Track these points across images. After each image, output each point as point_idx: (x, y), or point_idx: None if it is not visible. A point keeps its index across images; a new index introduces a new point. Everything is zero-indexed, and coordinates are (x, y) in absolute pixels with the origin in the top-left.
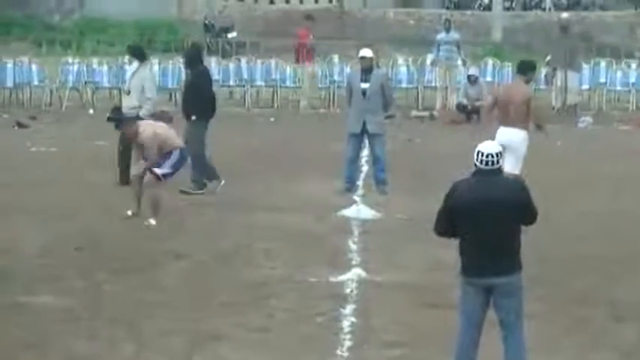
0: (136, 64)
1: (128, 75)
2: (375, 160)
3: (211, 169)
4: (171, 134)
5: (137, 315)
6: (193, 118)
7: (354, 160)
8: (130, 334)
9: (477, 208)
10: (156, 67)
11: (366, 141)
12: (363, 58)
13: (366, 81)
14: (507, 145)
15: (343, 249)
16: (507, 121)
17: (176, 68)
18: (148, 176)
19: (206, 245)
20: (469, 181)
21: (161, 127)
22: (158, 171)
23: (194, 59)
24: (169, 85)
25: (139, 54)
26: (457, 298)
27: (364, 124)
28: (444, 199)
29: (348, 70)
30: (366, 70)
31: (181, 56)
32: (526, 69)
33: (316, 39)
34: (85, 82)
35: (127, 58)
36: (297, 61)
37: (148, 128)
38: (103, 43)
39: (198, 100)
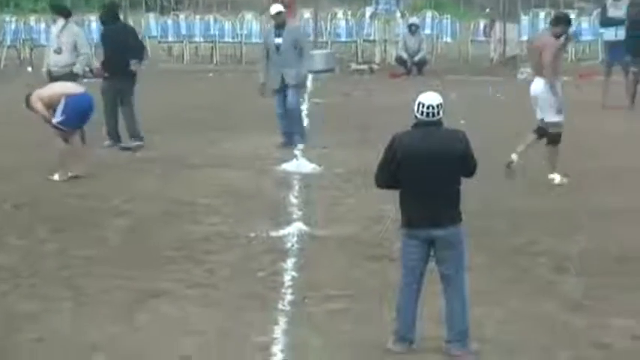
0: (61, 22)
1: (54, 33)
2: (288, 112)
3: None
4: (57, 88)
5: (77, 272)
6: (106, 74)
7: (283, 114)
8: (69, 291)
9: (418, 159)
10: (94, 25)
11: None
12: (274, 14)
13: (279, 36)
14: (536, 96)
15: (284, 203)
16: (535, 72)
17: None
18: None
19: (147, 202)
20: (409, 133)
21: (47, 89)
22: (53, 120)
23: (110, 16)
24: None
25: (63, 11)
26: (398, 251)
27: (282, 78)
28: (384, 151)
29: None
30: (279, 26)
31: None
32: (557, 22)
33: None
34: (23, 40)
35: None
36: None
37: (34, 95)
38: (41, 0)
39: (113, 56)
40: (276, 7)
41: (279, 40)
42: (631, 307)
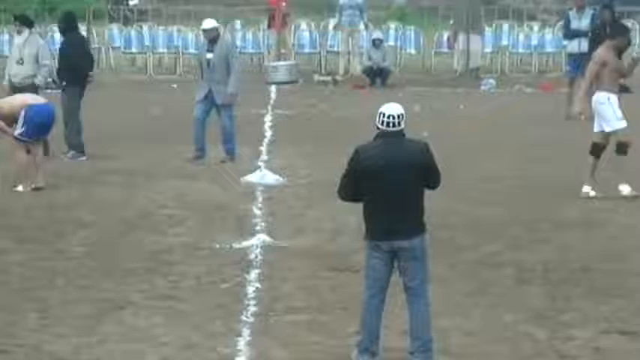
0: (25, 32)
1: (17, 44)
2: (221, 130)
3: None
4: (17, 99)
5: (41, 284)
6: (64, 84)
7: (200, 123)
8: (33, 303)
9: (381, 171)
10: (57, 36)
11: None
12: (205, 30)
13: (210, 51)
14: (595, 109)
15: (247, 215)
16: (595, 85)
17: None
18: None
19: (110, 213)
20: (372, 144)
21: (7, 100)
22: (15, 133)
23: (68, 26)
24: None
25: (28, 22)
26: (362, 263)
27: (210, 91)
28: (347, 163)
29: (250, 35)
30: (211, 41)
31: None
32: (615, 34)
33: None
34: None
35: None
36: (269, 26)
37: None
38: (5, 12)
39: (71, 66)
40: (208, 22)
41: (209, 55)
42: (593, 318)
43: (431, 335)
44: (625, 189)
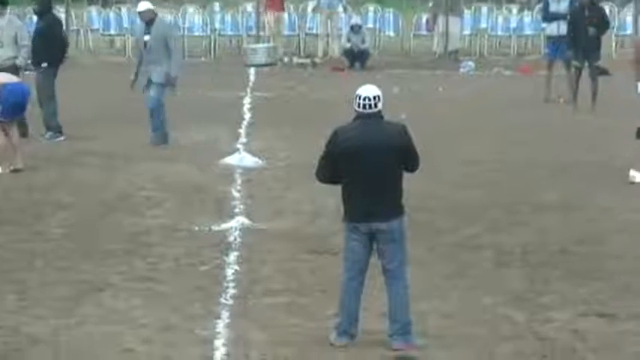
0: (6, 15)
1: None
2: (147, 106)
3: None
4: None
5: (19, 266)
6: (44, 65)
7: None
8: (12, 285)
9: (359, 153)
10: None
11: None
12: (140, 12)
13: (147, 33)
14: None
15: (226, 197)
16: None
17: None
18: None
19: (89, 195)
20: (350, 126)
21: None
22: None
23: (44, 8)
24: None
25: (2, 2)
26: (341, 245)
27: (150, 74)
28: (325, 145)
29: (229, 17)
30: (148, 23)
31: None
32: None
33: None
34: None
35: None
36: (266, 7)
37: None
38: None
39: (48, 47)
40: (143, 5)
41: (146, 37)
42: (572, 300)
43: (410, 318)
44: (637, 176)
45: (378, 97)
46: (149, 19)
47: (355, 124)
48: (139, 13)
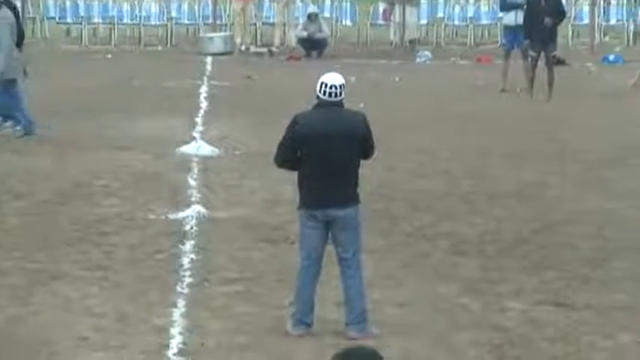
0: None
1: None
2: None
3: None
4: None
5: None
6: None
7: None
8: None
9: (318, 139)
10: None
11: None
12: None
13: None
14: None
15: (183, 186)
16: None
17: None
18: None
19: (45, 184)
20: (311, 113)
21: None
22: None
23: None
24: None
25: None
26: (297, 234)
27: None
28: (286, 130)
29: (185, 6)
30: None
31: None
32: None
33: None
34: None
35: None
36: None
37: None
38: None
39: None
40: None
41: None
42: (527, 289)
43: (365, 306)
44: None
45: (343, 85)
46: None
47: (316, 111)
48: None
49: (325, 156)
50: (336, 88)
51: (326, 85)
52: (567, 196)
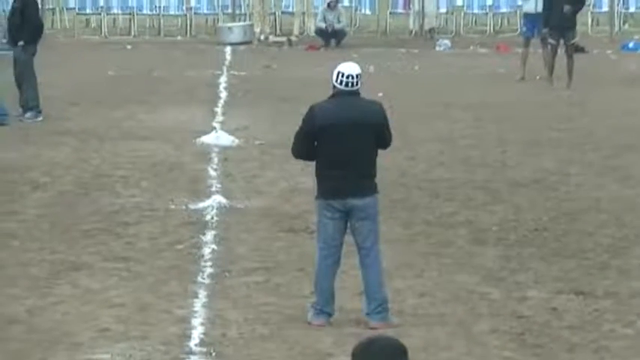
0: None
1: None
2: None
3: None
4: None
5: None
6: (21, 43)
7: None
8: None
9: (336, 129)
10: None
11: None
12: None
13: None
14: None
15: (203, 176)
16: None
17: None
18: None
19: (65, 174)
20: (328, 103)
21: None
22: None
23: None
24: None
25: None
26: (315, 224)
27: None
28: (302, 121)
29: None
30: None
31: None
32: None
33: None
34: None
35: None
36: None
37: None
38: None
39: (26, 26)
40: None
41: None
42: (547, 278)
43: (386, 296)
44: None
45: (360, 75)
46: None
47: (333, 100)
48: None
49: (342, 145)
50: (352, 77)
51: (342, 75)
52: (587, 183)
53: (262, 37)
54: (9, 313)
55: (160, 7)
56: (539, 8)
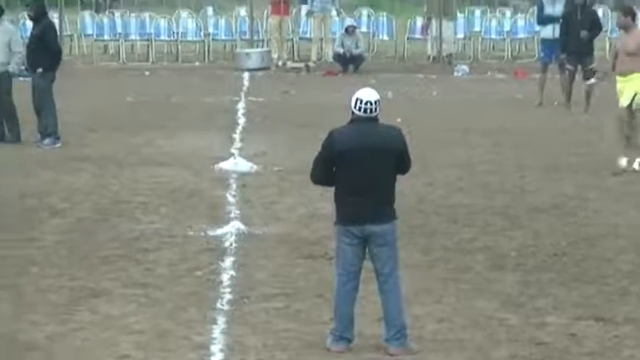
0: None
1: None
2: None
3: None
4: None
5: (14, 272)
6: (39, 70)
7: None
8: (6, 292)
9: (355, 155)
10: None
11: None
12: None
13: None
14: None
15: (222, 202)
16: None
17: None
18: None
19: (84, 201)
20: (347, 129)
21: None
22: None
23: (39, 13)
24: None
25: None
26: (334, 249)
27: None
28: (321, 147)
29: (222, 22)
30: None
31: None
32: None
33: None
34: None
35: None
36: (271, 12)
37: None
38: None
39: (45, 52)
40: None
41: None
42: (566, 304)
43: (405, 322)
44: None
45: (378, 101)
46: None
47: (351, 126)
48: None
49: (361, 171)
50: (371, 104)
51: (361, 102)
52: (606, 209)
53: (280, 63)
54: (28, 339)
55: (177, 33)
56: (557, 34)
